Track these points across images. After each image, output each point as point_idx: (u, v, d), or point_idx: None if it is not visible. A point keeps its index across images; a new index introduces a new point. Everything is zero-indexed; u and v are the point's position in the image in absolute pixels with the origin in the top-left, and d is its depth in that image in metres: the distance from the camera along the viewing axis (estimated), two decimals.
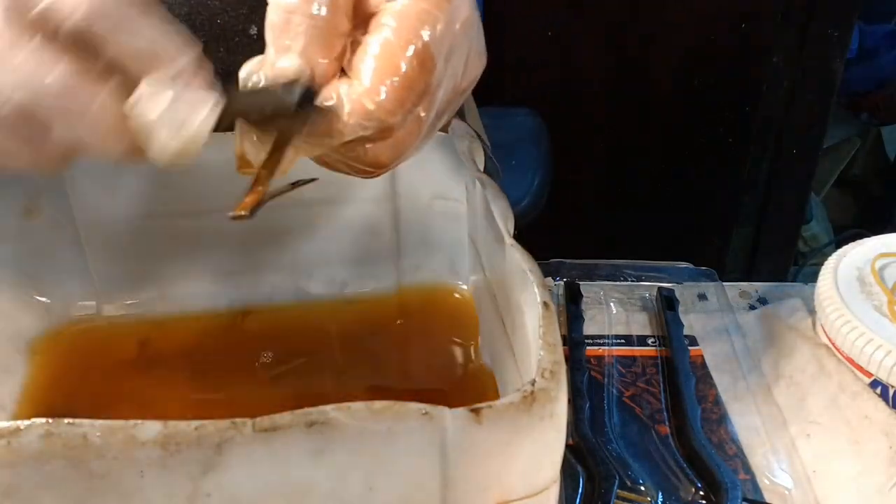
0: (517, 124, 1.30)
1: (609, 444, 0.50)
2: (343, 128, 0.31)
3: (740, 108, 1.43)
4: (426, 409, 0.29)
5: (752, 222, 1.52)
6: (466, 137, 0.48)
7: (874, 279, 0.53)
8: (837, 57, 1.32)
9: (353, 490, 0.30)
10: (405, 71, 0.31)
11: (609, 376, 0.56)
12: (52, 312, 0.49)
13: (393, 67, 0.31)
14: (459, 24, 0.32)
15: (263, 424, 0.27)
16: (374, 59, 0.31)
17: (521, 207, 1.16)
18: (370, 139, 0.32)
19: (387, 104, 0.31)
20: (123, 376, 0.48)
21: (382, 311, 0.53)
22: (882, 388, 0.49)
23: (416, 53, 0.31)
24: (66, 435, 0.27)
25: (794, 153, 1.42)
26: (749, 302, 0.63)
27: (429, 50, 0.31)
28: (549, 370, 0.31)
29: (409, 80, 0.31)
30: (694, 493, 0.47)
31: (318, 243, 0.52)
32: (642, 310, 0.62)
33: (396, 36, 0.31)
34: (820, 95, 1.36)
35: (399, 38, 0.31)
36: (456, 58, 0.33)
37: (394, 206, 0.52)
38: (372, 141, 0.33)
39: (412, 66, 0.31)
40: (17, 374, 0.46)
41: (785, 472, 0.49)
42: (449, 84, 0.33)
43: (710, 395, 0.54)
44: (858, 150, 1.86)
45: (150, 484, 0.28)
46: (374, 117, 0.31)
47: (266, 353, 0.49)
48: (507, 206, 0.42)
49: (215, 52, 0.52)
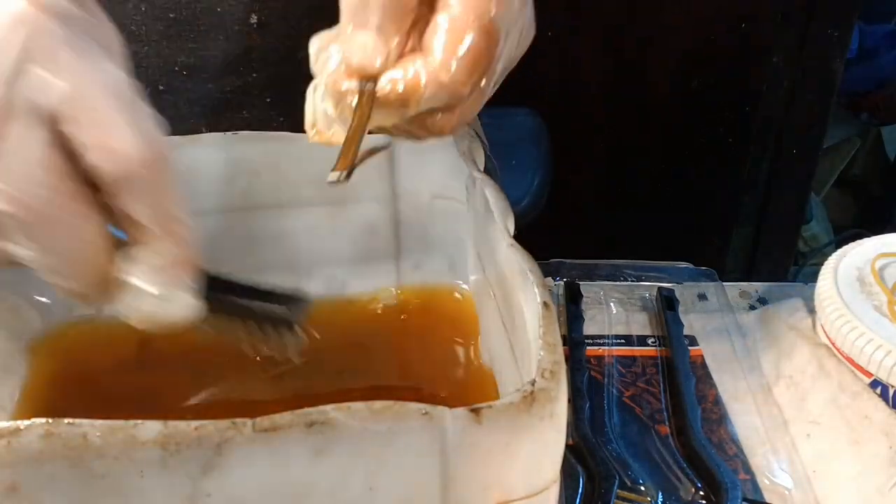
0: (517, 124, 1.30)
1: (609, 444, 0.50)
2: (419, 98, 0.33)
3: (740, 108, 1.43)
4: (426, 409, 0.29)
5: (752, 222, 1.52)
6: (466, 137, 0.48)
7: (874, 279, 0.53)
8: (837, 57, 1.32)
9: (353, 490, 0.30)
10: (473, 45, 0.33)
11: (609, 376, 0.56)
12: (52, 312, 0.49)
13: (462, 42, 0.33)
14: (518, 1, 0.34)
15: (263, 424, 0.27)
16: (445, 35, 0.33)
17: (521, 207, 1.16)
18: (440, 109, 0.34)
19: (458, 76, 0.33)
20: (123, 376, 0.48)
21: (382, 311, 0.53)
22: (882, 388, 0.49)
23: (482, 29, 0.33)
24: (66, 435, 0.27)
25: (794, 153, 1.42)
26: (749, 302, 0.63)
27: (493, 25, 0.33)
28: (549, 370, 0.31)
29: (476, 53, 0.33)
30: (694, 493, 0.47)
31: (318, 243, 0.52)
32: (642, 310, 0.62)
33: (463, 13, 0.33)
34: (820, 95, 1.36)
35: (466, 15, 0.33)
36: (514, 31, 0.35)
37: (394, 205, 0.52)
38: (441, 111, 0.35)
39: (479, 41, 0.33)
40: (16, 374, 0.46)
41: (785, 472, 0.49)
42: (508, 57, 0.36)
43: (710, 395, 0.54)
44: (858, 150, 1.86)
45: (150, 484, 0.28)
46: (448, 89, 0.33)
47: None
48: (507, 206, 0.42)
49: (215, 40, 0.52)
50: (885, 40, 1.76)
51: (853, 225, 1.84)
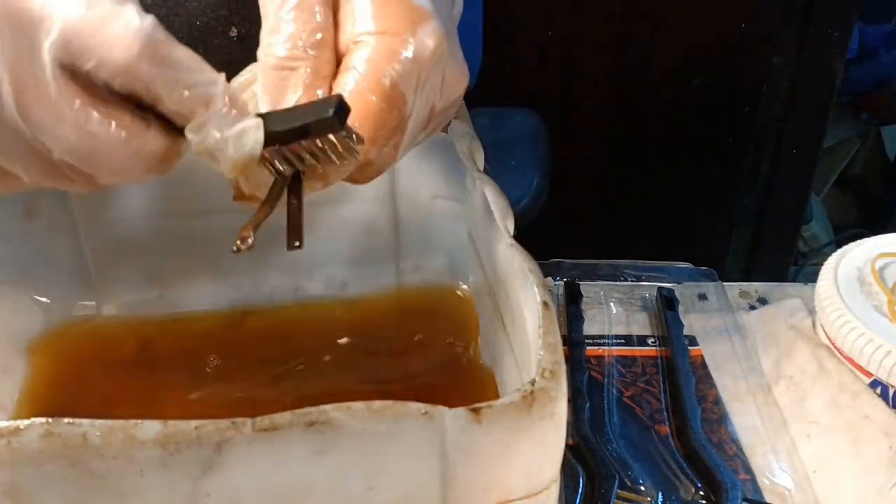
0: (517, 124, 1.30)
1: (609, 444, 0.50)
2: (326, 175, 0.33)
3: (740, 108, 1.43)
4: (426, 409, 0.29)
5: (752, 222, 1.52)
6: (466, 137, 0.48)
7: (874, 279, 0.53)
8: (837, 57, 1.32)
9: (353, 490, 0.30)
10: (375, 112, 0.32)
11: (609, 376, 0.56)
12: (52, 312, 0.49)
13: (364, 111, 0.32)
14: (427, 57, 0.33)
15: (263, 424, 0.27)
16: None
17: (520, 207, 1.16)
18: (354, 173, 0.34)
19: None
20: (123, 376, 0.48)
21: (382, 311, 0.53)
22: (882, 388, 0.49)
23: (385, 94, 0.32)
24: (66, 435, 0.27)
25: (794, 153, 1.42)
26: (749, 302, 0.63)
27: (397, 89, 0.32)
28: (549, 370, 0.31)
29: (379, 119, 0.32)
30: (694, 493, 0.47)
31: (318, 243, 0.52)
32: (642, 310, 0.62)
33: (365, 79, 0.32)
34: (820, 95, 1.36)
35: (367, 81, 0.32)
36: (428, 86, 0.34)
37: (394, 206, 0.52)
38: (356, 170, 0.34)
39: (381, 107, 0.32)
40: (16, 374, 0.46)
41: (785, 472, 0.49)
42: (424, 110, 0.35)
43: (710, 395, 0.54)
44: (858, 150, 1.86)
45: (150, 484, 0.28)
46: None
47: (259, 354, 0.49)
48: (507, 206, 0.42)
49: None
50: (885, 40, 1.76)
51: (853, 225, 1.84)
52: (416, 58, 0.32)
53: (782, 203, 1.48)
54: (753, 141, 1.44)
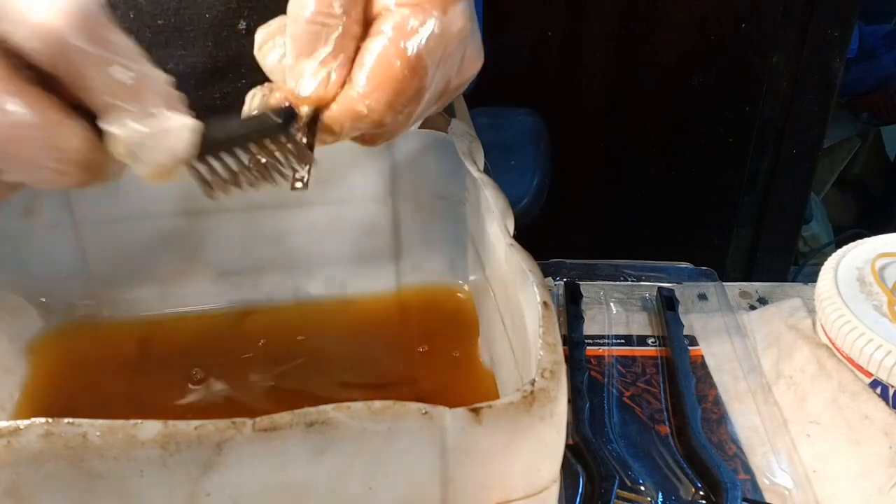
0: (517, 124, 1.30)
1: (609, 444, 0.50)
2: (340, 130, 0.33)
3: (740, 108, 1.43)
4: (426, 409, 0.29)
5: (752, 222, 1.52)
6: (466, 137, 0.48)
7: (874, 279, 0.53)
8: (837, 57, 1.32)
9: (353, 490, 0.30)
10: (398, 77, 0.32)
11: (609, 376, 0.56)
12: (52, 312, 0.49)
13: (386, 74, 0.32)
14: (454, 34, 0.34)
15: (263, 424, 0.27)
16: (370, 66, 0.33)
17: (520, 207, 1.16)
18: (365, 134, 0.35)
19: (378, 108, 0.33)
20: (123, 376, 0.48)
21: (382, 311, 0.53)
22: (882, 388, 0.49)
23: (409, 61, 0.32)
24: (66, 435, 0.27)
25: (794, 153, 1.42)
26: (749, 302, 0.63)
27: (421, 59, 0.33)
28: (549, 370, 0.31)
29: (400, 85, 0.33)
30: (694, 493, 0.47)
31: (318, 243, 0.52)
32: (642, 310, 0.62)
33: (392, 44, 0.32)
34: (820, 95, 1.36)
35: (395, 46, 0.32)
36: (450, 62, 0.35)
37: (394, 206, 0.52)
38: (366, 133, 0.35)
39: (404, 74, 0.32)
40: (16, 374, 0.46)
41: (785, 472, 0.49)
42: (440, 84, 0.35)
43: (710, 395, 0.54)
44: (858, 150, 1.86)
45: (150, 484, 0.28)
46: (367, 120, 0.33)
47: (259, 354, 0.49)
48: (507, 206, 0.42)
49: (203, 46, 0.52)
50: (885, 40, 1.76)
51: (853, 225, 1.84)
52: (444, 33, 0.33)
53: (782, 203, 1.48)
54: (753, 141, 1.44)
